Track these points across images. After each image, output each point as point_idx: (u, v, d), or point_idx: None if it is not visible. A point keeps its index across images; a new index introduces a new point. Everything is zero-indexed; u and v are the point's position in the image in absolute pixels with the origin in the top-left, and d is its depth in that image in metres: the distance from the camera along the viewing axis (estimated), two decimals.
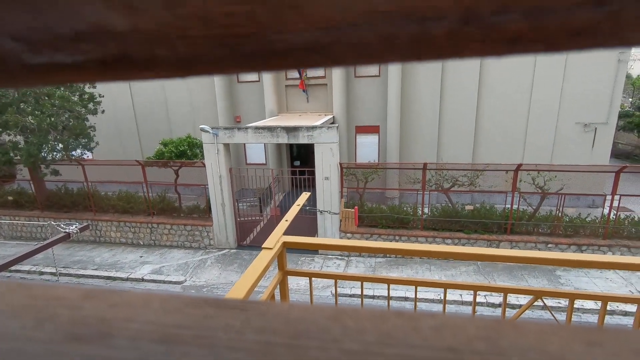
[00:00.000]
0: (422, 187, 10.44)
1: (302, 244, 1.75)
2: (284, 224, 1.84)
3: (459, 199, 12.04)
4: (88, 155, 14.80)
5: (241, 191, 14.45)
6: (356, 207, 10.46)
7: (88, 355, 0.24)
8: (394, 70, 13.00)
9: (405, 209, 10.87)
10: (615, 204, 9.66)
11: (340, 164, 10.38)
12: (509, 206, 10.02)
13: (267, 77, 14.08)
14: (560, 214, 10.13)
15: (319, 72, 14.26)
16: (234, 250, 11.30)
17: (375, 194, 13.30)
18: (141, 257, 11.16)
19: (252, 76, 14.87)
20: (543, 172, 10.02)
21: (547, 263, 1.69)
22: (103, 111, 13.57)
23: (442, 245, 9.96)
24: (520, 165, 9.77)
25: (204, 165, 10.79)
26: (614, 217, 9.66)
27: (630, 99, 25.01)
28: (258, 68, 0.21)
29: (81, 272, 10.27)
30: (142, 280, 9.81)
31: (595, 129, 12.78)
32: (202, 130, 10.21)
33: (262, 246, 1.63)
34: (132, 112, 16.09)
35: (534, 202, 10.30)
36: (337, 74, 13.44)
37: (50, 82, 0.22)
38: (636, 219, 9.81)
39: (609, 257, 1.60)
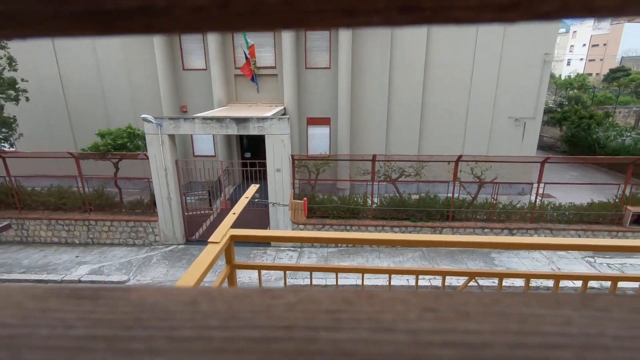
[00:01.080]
0: (372, 178, 10.76)
1: (250, 236, 1.73)
2: (231, 217, 1.79)
3: (405, 188, 12.60)
4: (8, 148, 13.27)
5: (189, 184, 13.87)
6: (305, 198, 10.52)
7: None
8: (343, 62, 13.15)
9: (355, 199, 11.15)
10: (541, 191, 10.71)
11: (292, 155, 10.35)
12: (451, 195, 10.69)
13: (215, 66, 13.54)
14: (494, 201, 11.01)
15: (269, 61, 14.00)
16: (182, 246, 10.85)
17: (326, 185, 13.47)
18: (77, 257, 10.32)
19: (198, 64, 14.21)
20: (480, 163, 10.80)
21: (483, 246, 1.82)
22: (27, 99, 12.21)
23: (390, 233, 10.38)
24: (460, 156, 10.43)
25: (147, 158, 10.17)
26: (540, 203, 10.71)
27: (554, 97, 27.73)
28: (89, 32, 0.19)
29: (5, 276, 9.26)
30: (79, 282, 9.08)
31: (525, 123, 14.00)
32: (145, 120, 9.59)
33: (208, 240, 1.58)
34: (63, 101, 14.67)
35: (473, 191, 11.09)
36: (287, 65, 13.29)
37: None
38: (557, 204, 10.96)
39: (534, 239, 1.76)
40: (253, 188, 2.23)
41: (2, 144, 12.58)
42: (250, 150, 15.87)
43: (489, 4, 0.17)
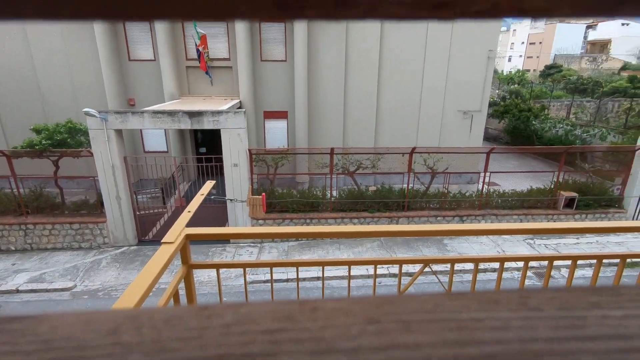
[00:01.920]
0: (330, 171, 10.87)
1: (207, 235, 1.67)
2: (186, 216, 1.72)
3: (363, 181, 12.88)
4: None
5: (140, 182, 13.16)
6: (263, 193, 10.41)
7: None
8: (300, 55, 13.06)
9: (314, 192, 11.21)
10: (487, 180, 11.45)
11: (249, 150, 10.16)
12: (406, 186, 11.10)
13: (165, 57, 12.86)
14: (446, 191, 11.60)
15: (223, 53, 13.56)
16: (135, 247, 10.30)
17: (285, 179, 13.40)
18: (14, 264, 9.43)
19: (146, 54, 13.42)
20: (432, 154, 11.30)
21: (437, 234, 1.91)
22: None
23: (349, 225, 10.59)
24: (414, 148, 10.84)
25: (92, 155, 9.48)
26: (486, 191, 11.45)
27: (497, 91, 29.63)
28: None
29: None
30: (17, 291, 8.32)
31: (472, 116, 14.83)
32: (87, 114, 8.90)
33: (162, 241, 1.51)
34: None
35: (426, 181, 11.59)
36: (242, 57, 12.95)
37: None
38: (501, 191, 11.78)
39: (481, 226, 1.88)
40: (209, 184, 2.16)
41: None
42: (205, 145, 15.34)
43: (423, 2, 0.18)
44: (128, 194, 9.98)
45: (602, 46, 50.90)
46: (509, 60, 56.75)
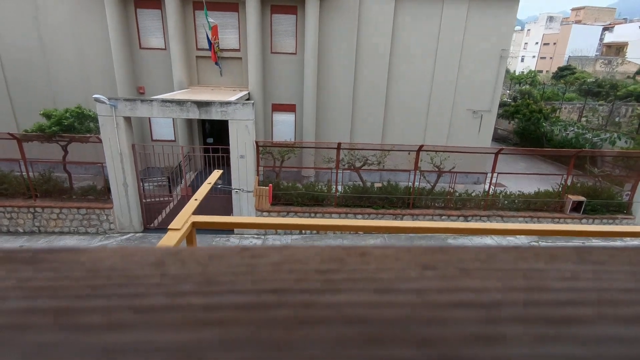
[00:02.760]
0: (336, 166, 10.86)
1: (213, 223, 1.69)
2: (193, 203, 1.74)
3: (369, 177, 12.85)
4: None
5: (147, 170, 13.25)
6: (270, 185, 10.44)
7: None
8: (310, 48, 13.00)
9: (320, 187, 11.22)
10: (494, 180, 11.36)
11: (256, 142, 10.18)
12: (412, 183, 11.06)
13: (175, 46, 12.87)
14: (452, 190, 11.54)
15: (233, 44, 13.54)
16: (140, 234, 10.42)
17: (291, 172, 13.42)
18: (21, 246, 9.57)
19: (156, 42, 13.45)
20: (440, 153, 11.23)
21: (441, 232, 1.91)
22: None
23: (353, 219, 10.60)
24: (421, 146, 10.78)
25: (100, 141, 9.56)
26: (492, 191, 11.37)
27: (508, 91, 29.26)
28: None
29: None
30: None
31: (482, 115, 14.68)
32: (97, 100, 8.97)
33: (168, 227, 1.52)
34: (2, 79, 13.37)
35: (432, 179, 11.54)
36: (252, 48, 12.92)
37: None
38: (508, 193, 11.69)
39: (487, 225, 1.88)
40: (216, 174, 2.18)
41: None
42: (212, 135, 15.39)
43: None
44: (135, 181, 10.08)
45: (618, 49, 49.92)
46: (522, 60, 55.96)
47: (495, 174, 11.17)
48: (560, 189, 11.44)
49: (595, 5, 61.12)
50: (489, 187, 11.32)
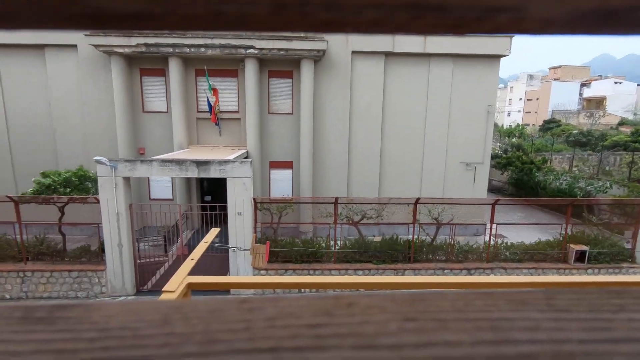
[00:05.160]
0: (334, 220, 10.80)
1: (209, 284, 1.63)
2: (189, 263, 1.70)
3: (367, 231, 12.73)
4: None
5: (143, 229, 13.10)
6: (268, 242, 10.28)
7: None
8: (306, 108, 13.62)
9: (318, 242, 11.05)
10: (493, 231, 11.27)
11: (254, 198, 10.22)
12: (411, 236, 10.93)
13: (177, 109, 13.46)
14: (452, 242, 11.38)
15: (232, 106, 14.18)
16: (132, 297, 9.98)
17: (289, 228, 13.29)
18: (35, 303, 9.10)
19: (159, 106, 14.07)
20: (437, 205, 11.26)
21: (446, 287, 1.85)
22: None
23: (354, 276, 10.28)
24: (418, 199, 10.84)
25: (98, 201, 9.56)
26: (493, 243, 11.22)
27: (498, 144, 30.22)
28: (82, 27, 0.20)
29: None
30: None
31: (475, 167, 15.00)
32: (98, 162, 9.14)
33: (163, 289, 1.47)
34: (6, 141, 13.74)
35: (432, 232, 11.43)
36: (251, 110, 13.52)
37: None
38: (508, 243, 11.53)
39: (492, 278, 1.83)
40: (213, 232, 2.16)
41: None
42: (210, 193, 15.46)
43: (441, 24, 0.20)
44: (130, 241, 9.91)
45: (597, 102, 52.74)
46: (508, 115, 58.63)
47: (494, 225, 11.11)
48: (561, 239, 11.32)
49: (570, 65, 65.77)
50: (490, 238, 11.19)
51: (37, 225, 10.51)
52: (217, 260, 10.41)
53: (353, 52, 13.83)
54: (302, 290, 10.10)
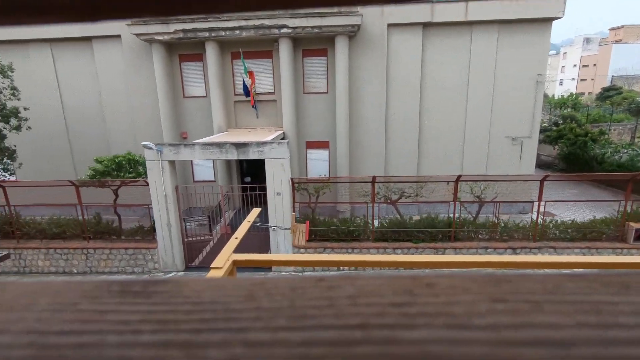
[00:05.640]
0: (372, 199, 10.74)
1: (253, 261, 1.70)
2: (233, 242, 1.78)
3: (406, 210, 12.56)
4: (8, 177, 13.31)
5: (189, 210, 13.81)
6: (307, 221, 10.46)
7: None
8: (341, 86, 13.41)
9: (356, 221, 11.08)
10: (542, 209, 10.67)
11: (292, 179, 10.38)
12: (452, 215, 10.64)
13: (215, 93, 13.80)
14: (496, 220, 10.95)
15: (268, 87, 14.28)
16: (182, 273, 10.68)
17: (327, 207, 13.43)
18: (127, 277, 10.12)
19: (198, 91, 14.49)
20: (479, 182, 10.81)
21: (488, 266, 1.80)
22: (29, 128, 12.36)
23: (392, 254, 10.26)
24: (459, 176, 10.46)
25: (147, 184, 10.18)
26: (541, 221, 10.65)
27: (548, 116, 28.14)
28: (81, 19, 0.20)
29: None
30: None
31: (522, 142, 14.14)
32: (145, 147, 9.67)
33: (211, 266, 1.55)
34: (64, 129, 14.85)
35: (473, 210, 11.05)
36: (286, 90, 13.55)
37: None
38: (558, 222, 10.90)
39: (539, 258, 1.74)
40: (255, 212, 2.23)
41: (3, 174, 12.63)
42: (250, 174, 15.91)
43: None
44: (178, 221, 10.51)
45: None
46: (560, 84, 54.13)
47: (542, 202, 10.51)
48: (619, 217, 10.50)
49: (633, 24, 58.78)
50: (537, 216, 10.63)
51: (95, 207, 11.43)
52: (258, 238, 10.81)
53: (389, 25, 13.29)
54: (341, 268, 10.25)
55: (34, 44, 14.07)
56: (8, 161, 12.35)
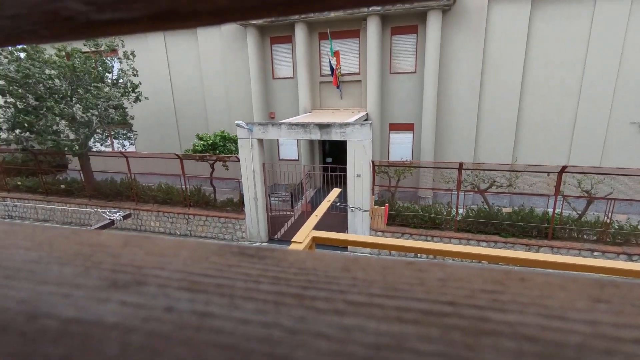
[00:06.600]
0: (457, 187, 10.11)
1: (331, 239, 1.76)
2: (313, 219, 1.85)
3: (496, 200, 11.55)
4: (127, 147, 15.65)
5: (273, 186, 14.69)
6: (387, 204, 10.32)
7: (123, 301, 0.25)
8: (430, 65, 12.64)
9: (438, 209, 10.59)
10: None
11: (373, 161, 10.28)
12: (551, 210, 9.48)
13: (302, 74, 14.16)
14: (608, 220, 9.45)
15: (353, 68, 14.15)
16: (265, 244, 11.52)
17: (407, 192, 13.06)
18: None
19: (286, 72, 15.02)
20: (590, 175, 9.38)
21: (593, 271, 1.58)
22: (146, 98, 14.25)
23: (476, 247, 9.63)
24: (565, 167, 9.21)
25: (239, 160, 11.06)
26: None
27: None
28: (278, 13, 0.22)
29: None
30: None
31: None
32: (238, 125, 10.46)
33: (292, 240, 1.65)
34: (172, 108, 16.80)
35: (579, 207, 9.69)
36: (372, 70, 13.27)
37: (109, 34, 0.26)
38: None
39: None
40: (335, 192, 2.28)
41: (124, 143, 14.93)
42: (331, 155, 16.19)
43: None
44: (263, 196, 11.27)
45: None
46: None
47: None
48: None
49: None
50: None
51: (195, 178, 12.84)
52: (337, 218, 11.05)
53: None
54: (419, 255, 9.96)
55: (152, 34, 16.01)
56: (131, 134, 14.50)
